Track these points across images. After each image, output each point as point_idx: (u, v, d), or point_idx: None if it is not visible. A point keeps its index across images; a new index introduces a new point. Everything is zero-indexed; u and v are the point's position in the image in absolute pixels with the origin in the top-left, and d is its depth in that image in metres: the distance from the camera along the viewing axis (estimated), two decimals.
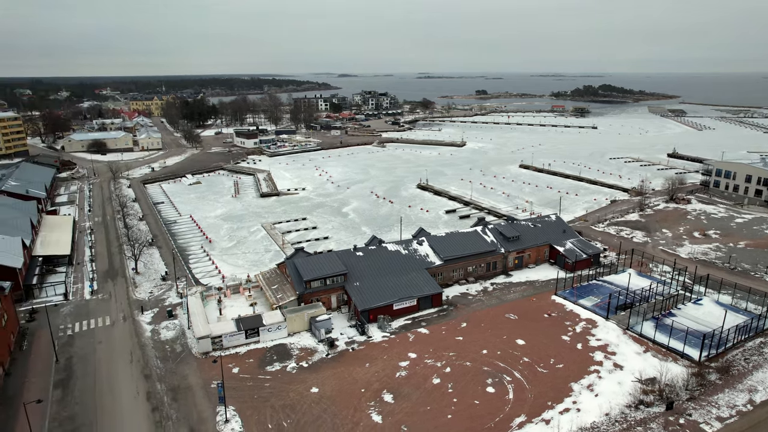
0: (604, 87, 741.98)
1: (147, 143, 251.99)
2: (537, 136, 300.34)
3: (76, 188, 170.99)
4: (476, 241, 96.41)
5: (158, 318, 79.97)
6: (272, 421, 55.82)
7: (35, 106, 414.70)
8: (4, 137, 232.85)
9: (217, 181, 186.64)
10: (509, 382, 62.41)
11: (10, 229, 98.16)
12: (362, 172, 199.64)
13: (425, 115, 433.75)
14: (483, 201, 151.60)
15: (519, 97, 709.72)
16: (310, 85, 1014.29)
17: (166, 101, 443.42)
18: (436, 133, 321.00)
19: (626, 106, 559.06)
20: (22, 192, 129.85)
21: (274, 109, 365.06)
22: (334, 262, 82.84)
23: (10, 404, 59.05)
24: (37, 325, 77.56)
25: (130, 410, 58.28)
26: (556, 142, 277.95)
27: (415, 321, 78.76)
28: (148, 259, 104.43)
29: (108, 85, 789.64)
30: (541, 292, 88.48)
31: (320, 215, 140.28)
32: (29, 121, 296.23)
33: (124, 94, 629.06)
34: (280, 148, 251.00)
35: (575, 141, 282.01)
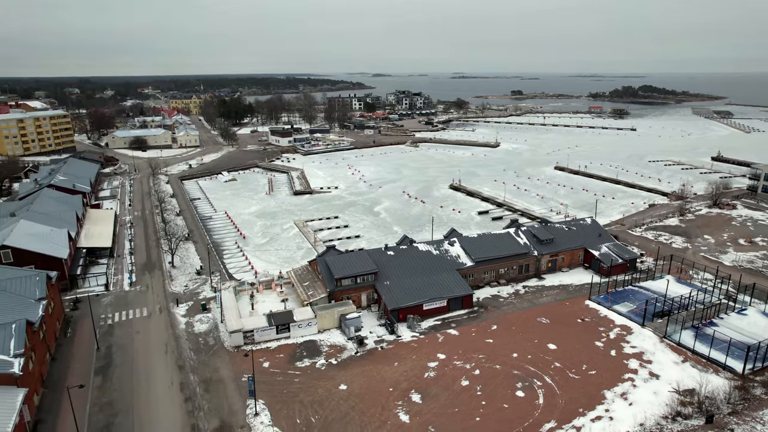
0: (645, 88, 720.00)
1: (185, 140, 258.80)
2: (573, 138, 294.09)
3: (118, 183, 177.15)
4: (509, 243, 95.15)
5: (192, 311, 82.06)
6: (300, 416, 56.50)
7: (82, 104, 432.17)
8: (54, 134, 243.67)
9: (251, 179, 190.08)
10: (539, 387, 61.37)
11: (57, 221, 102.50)
12: (395, 171, 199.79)
13: (459, 115, 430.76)
14: (516, 203, 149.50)
15: (555, 97, 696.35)
16: (344, 84, 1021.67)
17: (204, 100, 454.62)
18: (470, 133, 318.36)
19: (668, 108, 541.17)
20: (69, 186, 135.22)
21: (308, 108, 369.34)
22: (365, 261, 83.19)
23: (55, 388, 61.76)
24: (80, 314, 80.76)
25: (165, 399, 60.01)
26: (593, 144, 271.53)
27: (445, 322, 78.33)
28: (184, 253, 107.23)
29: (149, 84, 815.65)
30: (575, 297, 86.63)
31: (352, 214, 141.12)
32: (77, 119, 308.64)
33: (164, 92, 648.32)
34: (314, 147, 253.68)
35: (613, 143, 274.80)
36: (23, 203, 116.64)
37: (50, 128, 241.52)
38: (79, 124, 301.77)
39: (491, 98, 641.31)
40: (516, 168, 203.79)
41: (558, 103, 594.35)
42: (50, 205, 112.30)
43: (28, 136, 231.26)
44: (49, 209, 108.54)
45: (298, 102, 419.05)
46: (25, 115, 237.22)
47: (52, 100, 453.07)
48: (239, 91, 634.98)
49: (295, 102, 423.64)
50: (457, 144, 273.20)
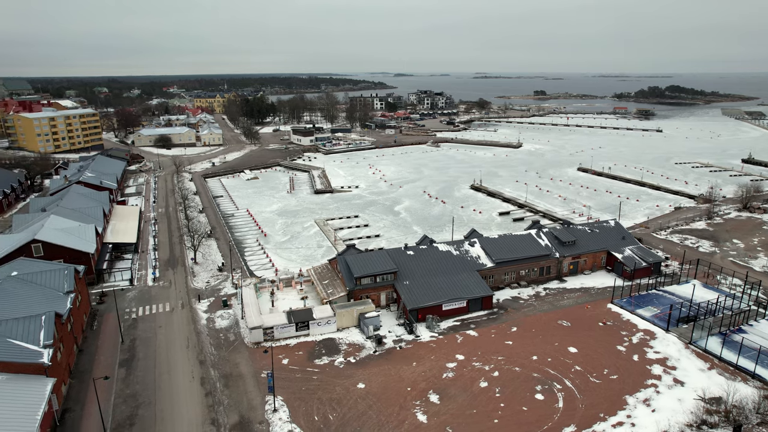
0: (672, 88, 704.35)
1: (209, 139, 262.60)
2: (597, 139, 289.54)
3: (143, 180, 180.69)
4: (530, 244, 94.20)
5: (214, 307, 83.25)
6: (318, 413, 56.86)
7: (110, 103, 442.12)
8: (83, 132, 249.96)
9: (273, 177, 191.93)
10: (559, 390, 60.63)
11: (85, 217, 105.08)
12: (415, 171, 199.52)
13: (481, 115, 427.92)
14: (538, 204, 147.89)
15: (579, 98, 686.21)
16: (366, 84, 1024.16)
17: (227, 99, 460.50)
18: (492, 133, 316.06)
19: (696, 108, 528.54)
20: (97, 183, 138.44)
21: (330, 108, 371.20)
22: (384, 260, 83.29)
23: (82, 378, 63.36)
24: (105, 308, 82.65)
25: (186, 393, 61.02)
26: (617, 145, 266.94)
27: (464, 323, 77.94)
28: (206, 250, 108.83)
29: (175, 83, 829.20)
30: (597, 300, 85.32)
31: (372, 213, 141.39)
32: (105, 117, 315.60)
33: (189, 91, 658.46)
34: (335, 146, 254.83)
35: (638, 144, 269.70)
36: (53, 199, 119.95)
37: (80, 126, 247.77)
38: (107, 123, 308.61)
39: (514, 98, 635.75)
40: (538, 169, 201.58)
41: (582, 103, 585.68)
42: (79, 201, 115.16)
43: (59, 134, 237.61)
44: (77, 205, 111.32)
45: (320, 101, 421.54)
46: (57, 114, 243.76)
47: (81, 99, 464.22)
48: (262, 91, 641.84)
49: (317, 101, 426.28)
50: (478, 144, 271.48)
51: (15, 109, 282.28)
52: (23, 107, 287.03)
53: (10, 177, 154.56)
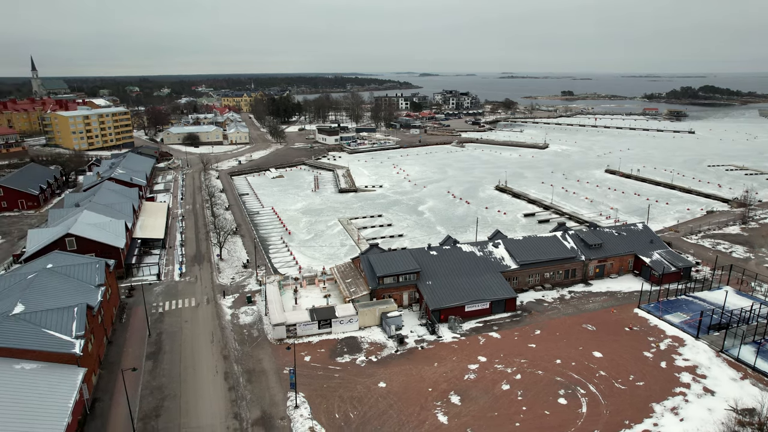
0: (706, 88, 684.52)
1: (235, 137, 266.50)
2: (626, 140, 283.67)
3: (171, 178, 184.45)
4: (555, 246, 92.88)
5: (238, 303, 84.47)
6: (339, 411, 57.17)
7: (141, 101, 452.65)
8: (115, 129, 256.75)
9: (298, 176, 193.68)
10: (583, 395, 59.64)
11: (116, 212, 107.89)
12: (440, 171, 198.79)
13: (507, 115, 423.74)
14: (564, 206, 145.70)
15: (608, 98, 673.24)
16: (391, 84, 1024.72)
17: (254, 98, 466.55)
18: (518, 134, 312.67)
19: (731, 109, 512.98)
20: (127, 179, 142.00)
21: (355, 107, 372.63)
22: (407, 260, 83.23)
23: (111, 369, 65.10)
24: (133, 301, 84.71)
25: (210, 387, 62.08)
26: (647, 147, 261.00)
27: (487, 324, 77.34)
28: (231, 246, 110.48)
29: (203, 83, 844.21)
30: (623, 304, 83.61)
31: (396, 213, 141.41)
32: (135, 115, 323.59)
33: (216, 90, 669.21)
34: (360, 146, 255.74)
35: (668, 146, 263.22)
36: (87, 194, 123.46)
37: (112, 124, 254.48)
38: (138, 121, 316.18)
39: (540, 99, 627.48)
40: (564, 170, 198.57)
41: (610, 104, 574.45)
42: (110, 197, 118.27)
43: (92, 131, 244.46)
44: (109, 201, 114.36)
45: (345, 101, 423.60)
46: (91, 112, 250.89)
47: (114, 98, 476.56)
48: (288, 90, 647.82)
49: (342, 101, 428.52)
50: (504, 145, 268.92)
51: (52, 107, 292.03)
52: (60, 106, 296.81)
53: (46, 173, 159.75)
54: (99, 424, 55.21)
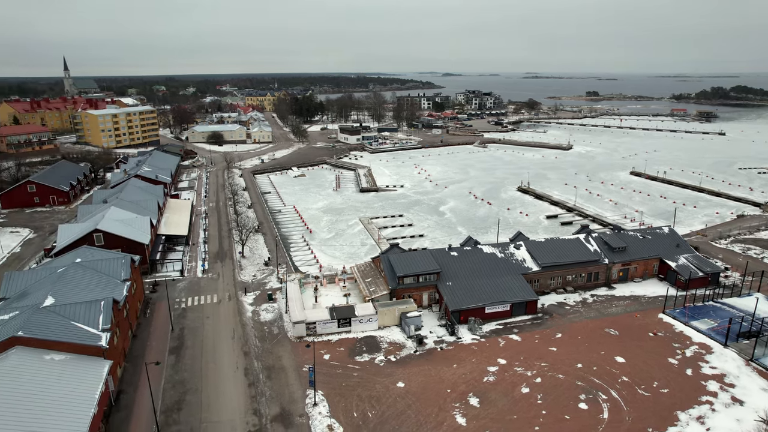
0: (738, 89, 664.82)
1: (258, 136, 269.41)
2: (652, 142, 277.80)
3: (195, 175, 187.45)
4: (578, 249, 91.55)
5: (259, 300, 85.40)
6: (357, 410, 57.35)
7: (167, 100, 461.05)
8: (142, 128, 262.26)
9: (320, 175, 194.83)
10: (605, 401, 58.66)
11: (141, 209, 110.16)
12: (461, 171, 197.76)
13: (530, 116, 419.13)
14: (587, 208, 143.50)
15: (634, 99, 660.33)
16: (414, 83, 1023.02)
17: (277, 97, 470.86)
18: (541, 135, 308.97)
19: (765, 110, 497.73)
20: (153, 177, 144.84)
21: (377, 107, 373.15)
22: (427, 260, 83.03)
23: (135, 362, 66.54)
24: (157, 297, 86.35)
25: (230, 382, 62.93)
26: (674, 148, 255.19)
27: (507, 327, 76.68)
28: (253, 244, 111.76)
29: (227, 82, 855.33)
30: (647, 309, 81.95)
31: (417, 213, 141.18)
32: (161, 114, 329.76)
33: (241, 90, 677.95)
34: (382, 145, 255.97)
35: (697, 148, 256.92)
36: (114, 191, 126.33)
37: (139, 123, 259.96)
38: (164, 119, 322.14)
39: (564, 99, 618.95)
40: (588, 172, 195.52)
41: (637, 105, 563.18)
42: (136, 194, 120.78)
43: (120, 129, 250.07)
44: (135, 198, 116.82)
45: (367, 100, 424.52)
46: (119, 111, 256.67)
47: (141, 97, 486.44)
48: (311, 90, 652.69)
49: (364, 100, 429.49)
50: (527, 145, 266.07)
51: (83, 106, 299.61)
52: (90, 105, 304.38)
53: (76, 170, 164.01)
54: (123, 416, 56.50)
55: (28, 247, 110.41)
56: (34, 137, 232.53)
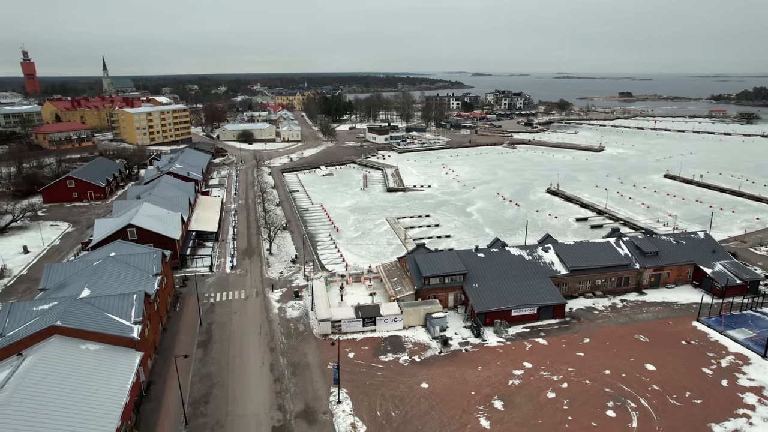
0: None
1: (288, 135, 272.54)
2: (688, 144, 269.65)
3: (225, 173, 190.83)
4: (608, 253, 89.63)
5: (286, 297, 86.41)
6: (381, 409, 57.46)
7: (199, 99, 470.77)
8: (175, 126, 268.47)
9: (347, 174, 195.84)
10: (634, 409, 57.27)
11: (173, 205, 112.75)
12: (489, 172, 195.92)
13: (561, 116, 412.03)
14: (619, 211, 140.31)
15: (670, 100, 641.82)
16: (442, 83, 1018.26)
17: (307, 97, 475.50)
18: (572, 136, 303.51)
19: None
20: (184, 174, 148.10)
21: (406, 107, 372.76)
22: (454, 261, 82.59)
23: (165, 355, 68.19)
24: (187, 291, 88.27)
25: (256, 377, 63.87)
26: (711, 151, 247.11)
27: (534, 330, 75.64)
28: (281, 241, 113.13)
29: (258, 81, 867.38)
30: (680, 316, 79.64)
31: (444, 213, 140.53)
32: (194, 112, 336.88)
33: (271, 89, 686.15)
34: (410, 145, 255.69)
35: (737, 151, 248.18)
36: (147, 187, 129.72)
37: (172, 121, 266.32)
38: (196, 118, 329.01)
39: (597, 100, 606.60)
40: (620, 174, 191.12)
41: (672, 106, 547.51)
42: (168, 190, 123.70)
43: (154, 127, 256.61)
44: (167, 194, 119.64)
45: (396, 100, 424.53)
46: (153, 109, 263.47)
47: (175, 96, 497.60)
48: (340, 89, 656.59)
49: (393, 100, 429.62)
50: (557, 147, 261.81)
51: (119, 104, 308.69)
52: (126, 103, 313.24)
53: (112, 167, 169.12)
54: (153, 406, 57.99)
55: (67, 240, 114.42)
56: (74, 134, 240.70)
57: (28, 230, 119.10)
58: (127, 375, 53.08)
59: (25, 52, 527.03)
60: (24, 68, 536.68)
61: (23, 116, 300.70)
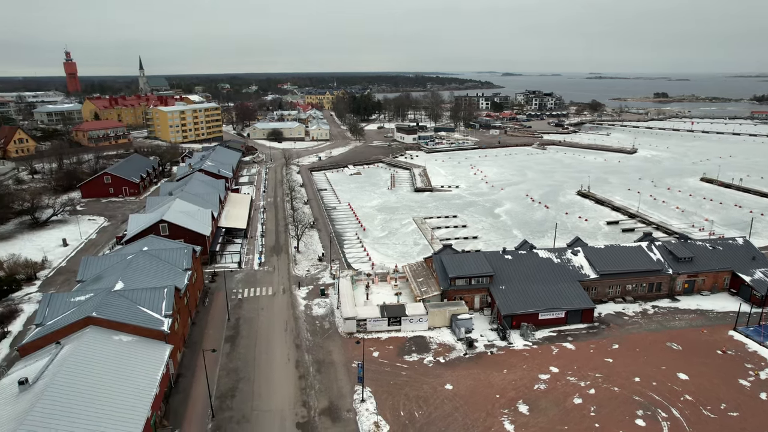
0: None
1: (317, 134, 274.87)
2: (727, 147, 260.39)
3: (255, 171, 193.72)
4: (639, 257, 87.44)
5: (312, 295, 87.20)
6: (404, 409, 57.42)
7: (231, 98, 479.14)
8: (207, 124, 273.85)
9: (375, 173, 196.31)
10: (664, 419, 55.72)
11: (204, 202, 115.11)
12: (518, 173, 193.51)
13: (593, 117, 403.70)
14: (651, 215, 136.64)
15: (708, 101, 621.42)
16: (472, 83, 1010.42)
17: (336, 96, 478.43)
18: (604, 137, 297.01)
19: None
20: (215, 172, 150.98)
21: (434, 107, 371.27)
22: (480, 263, 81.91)
23: (194, 348, 69.70)
24: (216, 287, 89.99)
25: (281, 373, 64.65)
26: (753, 154, 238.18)
27: (561, 334, 74.39)
28: (308, 239, 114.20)
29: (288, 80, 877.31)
30: (715, 325, 77.09)
31: (471, 214, 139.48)
32: (225, 111, 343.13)
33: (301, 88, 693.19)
34: (438, 145, 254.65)
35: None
36: (179, 184, 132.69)
37: (204, 119, 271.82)
38: (227, 116, 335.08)
39: (630, 100, 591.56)
40: (654, 177, 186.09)
41: (711, 107, 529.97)
42: (199, 187, 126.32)
43: (187, 125, 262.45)
44: (198, 191, 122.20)
45: (424, 100, 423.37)
46: (186, 108, 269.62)
47: (207, 94, 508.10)
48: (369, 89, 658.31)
49: (421, 100, 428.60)
50: (588, 148, 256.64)
51: (154, 103, 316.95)
52: (161, 102, 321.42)
53: (146, 163, 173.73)
54: (181, 398, 59.34)
55: (103, 234, 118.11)
56: (111, 132, 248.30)
57: (67, 224, 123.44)
58: (158, 366, 54.45)
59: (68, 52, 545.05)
60: (66, 68, 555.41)
61: (64, 114, 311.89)
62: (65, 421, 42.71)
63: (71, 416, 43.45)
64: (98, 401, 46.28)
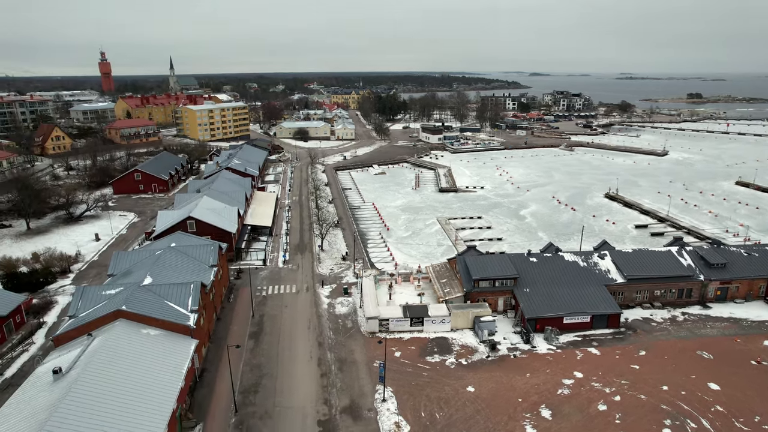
0: None
1: (342, 133, 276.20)
2: (765, 149, 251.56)
3: (281, 170, 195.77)
4: (669, 262, 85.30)
5: (335, 293, 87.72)
6: (425, 410, 57.31)
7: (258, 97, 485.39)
8: (234, 123, 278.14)
9: (399, 173, 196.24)
10: (694, 430, 54.25)
11: (230, 199, 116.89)
12: (545, 175, 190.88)
13: (622, 119, 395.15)
14: (682, 219, 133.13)
15: (745, 102, 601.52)
16: (499, 83, 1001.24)
17: (362, 96, 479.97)
18: (633, 139, 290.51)
19: None
20: (242, 170, 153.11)
21: (460, 107, 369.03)
22: (505, 265, 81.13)
23: (219, 344, 70.92)
24: (240, 283, 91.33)
25: (304, 370, 65.25)
26: None
27: (586, 339, 73.14)
28: (332, 238, 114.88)
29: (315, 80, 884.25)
30: (750, 334, 74.67)
31: (496, 216, 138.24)
32: (252, 110, 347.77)
33: (327, 88, 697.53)
34: (463, 146, 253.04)
35: None
36: (207, 182, 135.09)
37: (231, 118, 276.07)
38: (254, 115, 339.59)
39: (662, 101, 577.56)
40: (685, 180, 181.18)
41: (748, 108, 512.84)
42: (226, 185, 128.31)
43: (215, 124, 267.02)
44: (225, 189, 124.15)
45: (450, 100, 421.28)
46: (214, 106, 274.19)
47: (235, 94, 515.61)
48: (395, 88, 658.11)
49: (447, 100, 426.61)
50: (617, 150, 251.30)
51: (183, 102, 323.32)
52: (190, 100, 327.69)
53: (175, 161, 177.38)
54: (206, 392, 60.46)
55: (133, 229, 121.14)
56: (142, 130, 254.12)
57: (99, 219, 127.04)
58: (183, 360, 55.59)
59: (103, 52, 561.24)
60: (101, 68, 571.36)
61: (98, 113, 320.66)
62: (95, 409, 44.01)
63: (101, 405, 44.75)
64: (127, 391, 47.52)
